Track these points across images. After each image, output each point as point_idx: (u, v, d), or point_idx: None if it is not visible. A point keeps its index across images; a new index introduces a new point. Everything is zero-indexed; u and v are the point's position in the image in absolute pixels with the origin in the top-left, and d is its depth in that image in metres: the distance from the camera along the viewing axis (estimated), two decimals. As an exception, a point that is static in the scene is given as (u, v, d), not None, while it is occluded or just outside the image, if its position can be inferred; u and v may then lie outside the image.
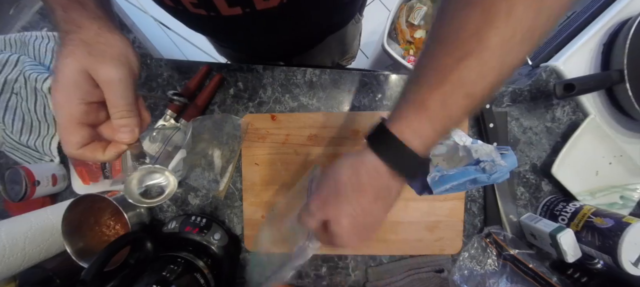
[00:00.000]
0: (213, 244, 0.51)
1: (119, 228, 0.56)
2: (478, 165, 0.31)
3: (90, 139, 0.30)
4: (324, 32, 0.58)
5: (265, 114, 0.55)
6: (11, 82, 0.55)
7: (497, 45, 0.24)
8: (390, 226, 0.54)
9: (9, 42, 0.58)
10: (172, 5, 0.38)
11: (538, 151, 0.54)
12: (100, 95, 0.29)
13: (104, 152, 0.31)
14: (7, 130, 0.58)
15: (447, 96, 0.26)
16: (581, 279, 0.49)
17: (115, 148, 0.31)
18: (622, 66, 0.47)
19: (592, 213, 0.46)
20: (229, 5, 0.37)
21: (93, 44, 0.28)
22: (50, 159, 0.58)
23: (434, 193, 0.31)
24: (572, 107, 0.53)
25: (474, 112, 0.28)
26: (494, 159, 0.31)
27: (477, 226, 0.55)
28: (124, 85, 0.29)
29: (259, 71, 0.55)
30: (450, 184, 0.31)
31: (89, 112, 0.29)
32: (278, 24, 0.46)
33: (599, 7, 0.55)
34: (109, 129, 0.31)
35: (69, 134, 0.29)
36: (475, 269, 0.53)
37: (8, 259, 0.45)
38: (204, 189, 0.56)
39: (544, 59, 0.55)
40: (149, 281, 0.43)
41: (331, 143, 0.54)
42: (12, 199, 0.52)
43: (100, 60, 0.28)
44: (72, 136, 0.29)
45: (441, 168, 0.31)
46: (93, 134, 0.30)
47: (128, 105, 0.30)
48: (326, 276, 0.56)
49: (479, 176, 0.31)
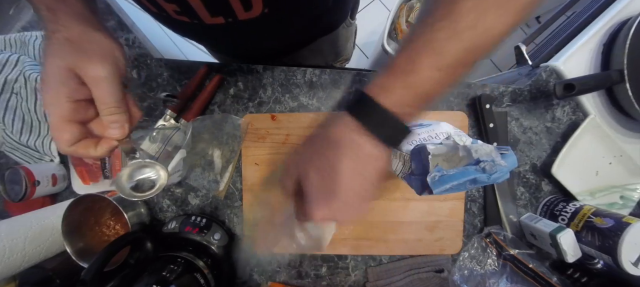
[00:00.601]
0: (213, 244, 0.51)
1: (119, 228, 0.56)
2: (478, 165, 0.31)
3: (81, 135, 0.30)
4: (312, 36, 0.58)
5: (265, 114, 0.55)
6: (11, 82, 0.55)
7: (470, 8, 0.24)
8: (390, 226, 0.54)
9: (9, 42, 0.58)
10: (155, 12, 0.39)
11: (538, 150, 0.54)
12: (88, 92, 0.29)
13: (95, 148, 0.31)
14: (7, 130, 0.58)
15: (418, 56, 0.26)
16: (581, 279, 0.49)
17: (106, 144, 0.32)
18: (622, 66, 0.47)
19: (592, 213, 0.46)
20: (211, 15, 0.37)
21: (78, 42, 0.28)
22: (50, 159, 0.58)
23: (434, 193, 0.31)
24: (572, 107, 0.53)
25: (454, 82, 0.27)
26: (494, 159, 0.31)
27: (477, 226, 0.55)
28: (111, 82, 0.29)
29: (259, 71, 0.55)
30: (450, 184, 0.31)
31: (77, 110, 0.30)
32: (261, 32, 0.46)
33: (599, 7, 0.55)
34: (100, 126, 0.32)
35: (60, 131, 0.29)
36: (475, 269, 0.53)
37: (8, 259, 0.45)
38: (204, 189, 0.56)
39: (544, 59, 0.55)
40: (149, 281, 0.43)
41: (331, 143, 0.54)
42: (12, 199, 0.52)
43: (86, 58, 0.28)
44: (63, 134, 0.29)
45: (441, 168, 0.31)
46: (84, 130, 0.31)
47: (116, 102, 0.30)
48: (326, 276, 0.56)
49: (479, 175, 0.31)
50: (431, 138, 0.38)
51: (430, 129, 0.40)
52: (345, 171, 0.28)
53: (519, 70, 0.61)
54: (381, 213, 0.54)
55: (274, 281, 0.57)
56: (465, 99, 0.54)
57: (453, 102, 0.54)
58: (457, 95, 0.54)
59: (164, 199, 0.57)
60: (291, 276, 0.57)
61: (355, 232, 0.55)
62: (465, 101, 0.54)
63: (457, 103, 0.54)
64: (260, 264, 0.56)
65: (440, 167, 0.31)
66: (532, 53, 0.62)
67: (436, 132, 0.39)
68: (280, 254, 0.56)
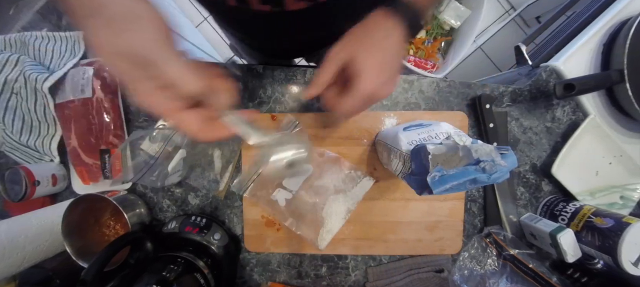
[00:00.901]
0: (213, 244, 0.51)
1: (119, 228, 0.56)
2: (478, 165, 0.31)
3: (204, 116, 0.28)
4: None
5: (265, 114, 0.55)
6: (11, 82, 0.55)
7: None
8: (390, 225, 0.54)
9: (9, 42, 0.58)
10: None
11: (538, 150, 0.54)
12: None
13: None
14: (7, 130, 0.58)
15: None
16: (581, 279, 0.49)
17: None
18: (622, 66, 0.47)
19: (592, 213, 0.46)
20: (261, 1, 0.38)
21: (122, 21, 0.23)
22: (50, 159, 0.58)
23: (434, 193, 0.31)
24: (572, 107, 0.53)
25: None
26: (494, 159, 0.31)
27: (477, 226, 0.55)
28: (176, 59, 0.25)
29: (259, 71, 0.55)
30: (450, 184, 0.31)
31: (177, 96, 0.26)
32: (303, 25, 0.46)
33: (599, 7, 0.55)
34: None
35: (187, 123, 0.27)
36: (475, 269, 0.53)
37: (8, 259, 0.45)
38: (204, 189, 0.56)
39: (544, 59, 0.55)
40: (149, 281, 0.43)
41: (331, 143, 0.54)
42: (12, 199, 0.52)
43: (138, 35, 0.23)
44: (190, 124, 0.27)
45: (441, 168, 0.31)
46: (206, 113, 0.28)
47: (202, 87, 0.26)
48: (326, 276, 0.56)
49: (479, 175, 0.31)
50: (431, 138, 0.38)
51: (430, 129, 0.40)
52: (389, 49, 0.34)
53: (519, 70, 0.61)
54: (381, 213, 0.54)
55: (274, 281, 0.57)
56: (465, 99, 0.54)
57: (453, 102, 0.54)
58: (457, 95, 0.54)
59: (164, 199, 0.57)
60: (291, 276, 0.57)
61: (355, 232, 0.55)
62: (465, 101, 0.54)
63: (457, 103, 0.54)
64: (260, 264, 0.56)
65: (441, 167, 0.31)
66: (532, 53, 0.62)
67: (436, 132, 0.39)
68: (280, 253, 0.56)
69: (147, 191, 0.57)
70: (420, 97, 0.54)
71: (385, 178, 0.54)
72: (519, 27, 1.56)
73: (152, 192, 0.57)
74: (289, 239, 0.55)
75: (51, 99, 0.54)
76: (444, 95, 0.54)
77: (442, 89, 0.54)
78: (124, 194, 0.55)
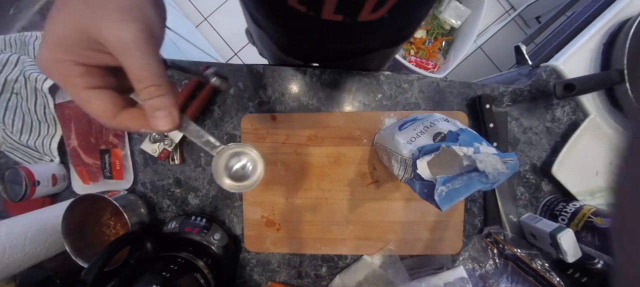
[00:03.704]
0: (213, 244, 0.51)
1: (119, 228, 0.56)
2: (481, 174, 0.31)
3: (121, 104, 0.23)
4: (395, 42, 0.53)
5: (265, 114, 0.55)
6: (11, 82, 0.56)
7: None
8: (390, 226, 0.54)
9: (9, 42, 0.58)
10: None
11: (538, 151, 0.54)
12: (107, 59, 0.22)
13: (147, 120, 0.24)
14: (7, 130, 0.58)
15: None
16: (581, 279, 0.49)
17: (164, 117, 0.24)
18: (622, 66, 0.47)
19: (592, 213, 0.46)
20: (336, 11, 0.34)
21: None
22: (50, 159, 0.58)
23: (443, 211, 0.31)
24: (572, 107, 0.53)
25: None
26: (499, 171, 0.31)
27: (477, 226, 0.55)
28: (141, 48, 0.21)
29: (259, 71, 0.55)
30: (458, 199, 0.31)
31: (92, 74, 0.22)
32: (368, 34, 0.43)
33: (599, 7, 0.55)
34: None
35: (85, 101, 0.22)
36: (475, 269, 0.53)
37: (8, 259, 0.45)
38: (204, 189, 0.56)
39: (544, 59, 0.55)
40: (149, 281, 0.43)
41: (331, 143, 0.54)
42: (12, 199, 0.52)
43: (103, 14, 0.20)
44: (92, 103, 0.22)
45: (446, 179, 0.31)
46: (125, 101, 0.24)
47: (154, 77, 0.21)
48: (326, 276, 0.56)
49: (483, 186, 0.31)
50: (427, 128, 0.38)
51: (425, 121, 0.40)
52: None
53: (519, 70, 0.61)
54: (381, 213, 0.54)
55: (274, 281, 0.57)
56: (465, 99, 0.54)
57: (453, 102, 0.54)
58: (457, 95, 0.54)
59: (164, 199, 0.57)
60: (291, 276, 0.57)
61: (355, 232, 0.55)
62: (465, 101, 0.54)
63: (457, 103, 0.54)
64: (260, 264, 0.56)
65: (444, 177, 0.31)
66: (532, 53, 0.62)
67: (430, 128, 0.39)
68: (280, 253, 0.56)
69: (147, 191, 0.57)
70: (420, 97, 0.54)
71: (385, 178, 0.54)
72: (519, 27, 1.56)
73: (152, 192, 0.57)
74: (289, 239, 0.55)
75: (51, 99, 0.54)
76: (444, 95, 0.54)
77: (442, 89, 0.54)
78: (124, 194, 0.55)
